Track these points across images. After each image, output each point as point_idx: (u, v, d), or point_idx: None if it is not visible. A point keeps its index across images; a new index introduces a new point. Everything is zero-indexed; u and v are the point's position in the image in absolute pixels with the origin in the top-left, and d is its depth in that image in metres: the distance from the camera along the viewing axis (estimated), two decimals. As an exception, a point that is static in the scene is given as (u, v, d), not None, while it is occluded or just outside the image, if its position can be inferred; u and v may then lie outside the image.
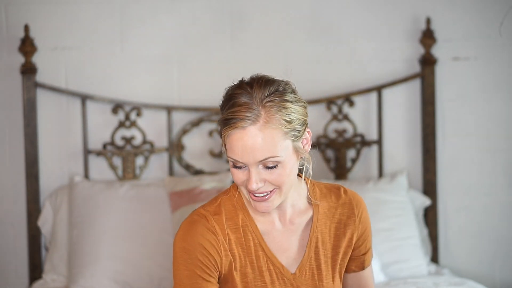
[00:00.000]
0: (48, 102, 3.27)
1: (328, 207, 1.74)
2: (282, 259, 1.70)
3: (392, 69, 3.38)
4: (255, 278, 1.67)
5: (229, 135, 1.60)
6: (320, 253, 1.72)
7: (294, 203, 1.72)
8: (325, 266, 1.72)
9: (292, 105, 1.62)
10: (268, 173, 1.61)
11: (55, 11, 3.28)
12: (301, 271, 1.70)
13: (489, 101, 3.41)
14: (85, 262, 3.02)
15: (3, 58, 3.26)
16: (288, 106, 1.61)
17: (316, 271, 1.71)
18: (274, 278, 1.68)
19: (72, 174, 3.29)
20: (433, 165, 3.34)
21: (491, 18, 3.36)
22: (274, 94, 1.61)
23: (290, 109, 1.61)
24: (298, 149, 1.64)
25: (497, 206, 3.43)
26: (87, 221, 3.09)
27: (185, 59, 3.33)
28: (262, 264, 1.68)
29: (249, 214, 1.69)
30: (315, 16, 3.36)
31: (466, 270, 3.40)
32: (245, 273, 1.67)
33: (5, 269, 3.32)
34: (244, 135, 1.58)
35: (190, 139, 3.34)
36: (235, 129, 1.59)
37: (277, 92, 1.62)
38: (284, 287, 1.69)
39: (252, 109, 1.59)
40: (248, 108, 1.59)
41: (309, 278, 1.70)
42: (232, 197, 1.72)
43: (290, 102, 1.62)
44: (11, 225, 3.30)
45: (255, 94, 1.61)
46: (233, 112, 1.60)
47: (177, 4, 3.31)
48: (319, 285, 1.71)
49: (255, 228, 1.69)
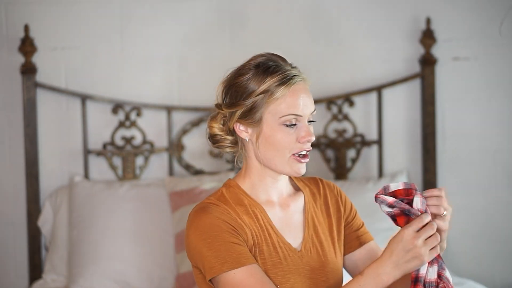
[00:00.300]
0: (48, 102, 3.27)
1: (311, 193, 1.84)
2: (288, 239, 1.77)
3: (392, 69, 3.38)
4: (270, 254, 1.72)
5: (289, 91, 1.72)
6: (319, 231, 1.79)
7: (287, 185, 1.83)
8: (326, 243, 1.79)
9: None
10: (310, 128, 1.76)
11: (55, 11, 3.28)
12: (306, 248, 1.76)
13: (489, 101, 3.41)
14: (85, 262, 3.02)
15: (3, 58, 3.26)
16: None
17: (319, 248, 1.78)
18: (286, 254, 1.74)
19: (72, 174, 3.29)
20: (433, 165, 3.34)
21: (491, 18, 3.36)
22: (292, 63, 1.79)
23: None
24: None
25: (497, 206, 3.43)
26: (87, 221, 3.09)
27: (185, 59, 3.33)
28: (274, 242, 1.74)
29: (253, 199, 1.77)
30: (315, 16, 3.36)
31: (466, 270, 3.40)
32: (262, 249, 1.72)
33: (5, 269, 3.32)
34: (302, 88, 1.74)
35: (190, 139, 3.34)
36: (291, 85, 1.72)
37: (291, 62, 1.79)
38: (296, 262, 1.74)
39: (290, 68, 1.76)
40: (288, 68, 1.75)
41: (314, 254, 1.77)
42: (230, 188, 1.79)
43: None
44: (11, 225, 3.31)
45: (278, 60, 1.77)
46: (284, 70, 1.73)
47: (177, 4, 3.31)
48: (324, 260, 1.77)
49: (261, 209, 1.76)
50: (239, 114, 1.75)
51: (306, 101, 1.73)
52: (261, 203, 1.77)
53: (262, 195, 1.78)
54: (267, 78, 1.73)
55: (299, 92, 1.73)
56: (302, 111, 1.72)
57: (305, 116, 1.73)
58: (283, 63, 1.76)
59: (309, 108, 1.74)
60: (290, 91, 1.72)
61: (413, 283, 1.60)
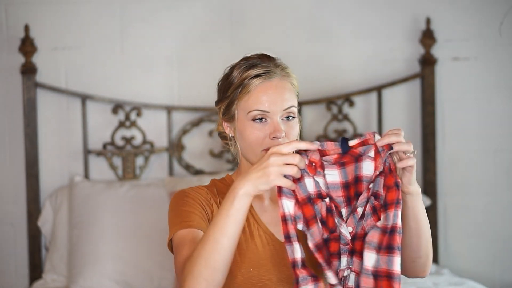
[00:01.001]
0: (48, 102, 3.27)
1: None
2: (272, 229, 1.79)
3: (392, 69, 3.38)
4: (246, 240, 1.76)
5: (254, 89, 1.76)
6: None
7: None
8: None
9: (292, 72, 1.82)
10: (286, 125, 1.76)
11: (55, 11, 3.28)
12: None
13: (489, 101, 3.41)
14: (85, 262, 3.02)
15: (3, 58, 3.26)
16: (291, 71, 1.81)
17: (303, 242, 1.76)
18: (265, 243, 1.76)
19: (72, 174, 3.29)
20: (433, 165, 3.34)
21: (491, 18, 3.36)
22: (279, 62, 1.81)
23: (292, 74, 1.81)
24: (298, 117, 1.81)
25: (497, 206, 3.43)
26: (87, 221, 3.09)
27: (185, 59, 3.33)
28: (253, 229, 1.77)
29: None
30: (315, 16, 3.36)
31: (466, 270, 3.40)
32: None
33: (5, 269, 3.32)
34: (271, 86, 1.76)
35: (190, 139, 3.34)
36: (261, 82, 1.75)
37: (279, 60, 1.82)
38: (275, 253, 1.75)
39: (270, 65, 1.78)
40: (266, 65, 1.78)
41: None
42: (223, 180, 1.85)
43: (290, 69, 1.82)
44: (11, 225, 3.31)
45: (265, 59, 1.80)
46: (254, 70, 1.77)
47: (177, 4, 3.31)
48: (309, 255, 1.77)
49: None
50: (222, 111, 1.82)
51: (274, 97, 1.74)
52: None
53: None
54: (243, 75, 1.78)
55: (267, 88, 1.75)
56: (268, 107, 1.74)
57: (274, 112, 1.74)
58: (267, 61, 1.79)
59: (278, 105, 1.74)
60: (259, 86, 1.75)
61: (292, 267, 1.54)
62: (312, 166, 1.57)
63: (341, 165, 1.59)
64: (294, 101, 1.78)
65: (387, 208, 1.55)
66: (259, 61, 1.79)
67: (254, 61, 1.80)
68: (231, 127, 1.81)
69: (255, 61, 1.79)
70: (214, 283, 1.56)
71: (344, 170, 1.59)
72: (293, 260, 1.53)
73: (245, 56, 1.83)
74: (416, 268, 1.70)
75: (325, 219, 1.59)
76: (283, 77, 1.77)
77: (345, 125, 3.39)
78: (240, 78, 1.78)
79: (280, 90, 1.75)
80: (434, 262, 3.34)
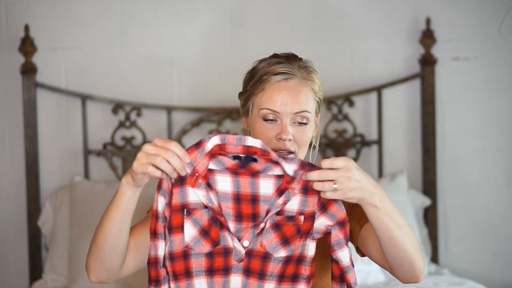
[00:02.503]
0: (48, 102, 3.27)
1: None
2: None
3: (392, 69, 3.38)
4: None
5: (269, 87, 1.73)
6: None
7: None
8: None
9: (318, 77, 1.78)
10: (296, 130, 1.73)
11: (55, 11, 3.28)
12: None
13: (489, 101, 3.41)
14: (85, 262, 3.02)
15: (3, 58, 3.26)
16: (316, 76, 1.78)
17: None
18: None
19: (72, 174, 3.29)
20: (433, 165, 3.34)
21: (491, 18, 3.36)
22: (305, 64, 1.78)
23: (316, 79, 1.77)
24: (316, 123, 1.80)
25: (497, 206, 3.43)
26: (87, 221, 3.09)
27: (185, 59, 3.33)
28: None
29: None
30: (315, 16, 3.36)
31: (466, 270, 3.40)
32: None
33: (5, 269, 3.32)
34: (286, 87, 1.72)
35: (190, 139, 3.34)
36: (277, 82, 1.73)
37: (308, 63, 1.79)
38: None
39: (292, 66, 1.75)
40: (288, 65, 1.74)
41: None
42: None
43: (316, 74, 1.79)
44: (11, 225, 3.31)
45: (290, 60, 1.77)
46: (273, 69, 1.74)
47: (177, 4, 3.31)
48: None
49: None
50: (241, 104, 1.80)
51: (287, 99, 1.71)
52: None
53: None
54: (263, 71, 1.76)
55: (282, 88, 1.73)
56: (279, 108, 1.71)
57: (284, 114, 1.71)
58: (292, 62, 1.76)
59: (289, 107, 1.71)
60: (274, 85, 1.73)
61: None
62: (194, 177, 1.47)
63: (234, 174, 1.48)
64: (308, 106, 1.73)
65: (300, 237, 1.50)
66: (284, 60, 1.76)
67: (279, 59, 1.76)
68: (247, 121, 1.80)
69: (280, 60, 1.76)
70: (104, 266, 1.63)
71: (238, 180, 1.49)
72: (155, 257, 1.50)
73: (275, 53, 1.81)
74: (404, 275, 1.62)
75: (207, 230, 1.51)
76: (303, 80, 1.74)
77: (345, 125, 3.39)
78: (260, 74, 1.76)
79: (295, 93, 1.72)
80: (434, 262, 3.34)
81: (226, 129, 3.33)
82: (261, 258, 1.50)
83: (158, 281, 1.52)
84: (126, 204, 1.55)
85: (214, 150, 1.47)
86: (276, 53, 1.80)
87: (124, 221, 1.57)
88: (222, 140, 1.46)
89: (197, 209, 1.50)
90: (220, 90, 3.34)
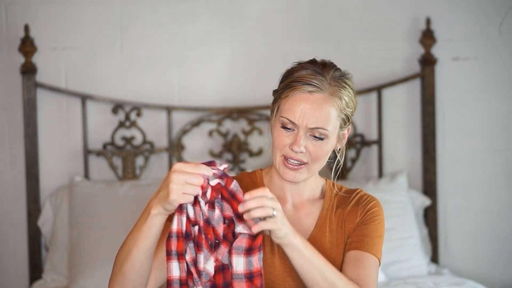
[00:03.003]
0: (48, 102, 3.27)
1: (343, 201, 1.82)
2: None
3: (392, 69, 3.38)
4: None
5: (293, 96, 1.72)
6: (326, 239, 1.78)
7: (312, 191, 1.83)
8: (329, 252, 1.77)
9: (352, 92, 1.76)
10: (312, 143, 1.73)
11: (55, 11, 3.28)
12: None
13: (489, 101, 3.41)
14: (85, 262, 3.02)
15: (3, 58, 3.26)
16: (349, 91, 1.75)
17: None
18: (275, 250, 1.75)
19: (72, 174, 3.29)
20: (433, 165, 3.34)
21: (491, 18, 3.36)
22: (341, 76, 1.76)
23: (350, 95, 1.75)
24: (340, 137, 1.78)
25: (497, 206, 3.43)
26: (87, 221, 3.09)
27: (185, 59, 3.33)
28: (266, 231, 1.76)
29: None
30: (315, 16, 3.36)
31: (466, 270, 3.40)
32: None
33: (5, 269, 3.32)
34: (309, 99, 1.71)
35: (190, 139, 3.34)
36: (301, 92, 1.71)
37: (343, 76, 1.77)
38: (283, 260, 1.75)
39: (322, 79, 1.72)
40: (318, 77, 1.72)
41: None
42: (252, 174, 1.83)
43: (351, 89, 1.76)
44: (11, 225, 3.31)
45: (325, 70, 1.75)
46: (302, 76, 1.72)
47: (177, 4, 3.31)
48: None
49: None
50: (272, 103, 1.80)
51: (306, 112, 1.70)
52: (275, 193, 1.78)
53: (277, 191, 1.80)
54: (292, 76, 1.75)
55: (303, 101, 1.71)
56: (297, 120, 1.71)
57: (300, 126, 1.71)
58: (324, 73, 1.73)
59: (307, 120, 1.70)
60: (297, 95, 1.72)
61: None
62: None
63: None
64: (327, 124, 1.71)
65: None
66: (318, 70, 1.74)
67: (314, 67, 1.75)
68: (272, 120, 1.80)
69: (314, 68, 1.75)
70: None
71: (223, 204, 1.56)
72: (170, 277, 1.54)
73: (313, 59, 1.79)
74: None
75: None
76: (329, 96, 1.71)
77: (345, 125, 3.38)
78: (290, 79, 1.75)
79: (316, 107, 1.70)
80: (434, 262, 3.34)
81: (226, 129, 3.33)
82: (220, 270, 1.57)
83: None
84: (156, 233, 1.58)
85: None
86: (315, 59, 1.79)
87: (153, 248, 1.60)
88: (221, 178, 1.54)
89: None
90: (220, 90, 3.34)
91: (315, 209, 1.82)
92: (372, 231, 1.78)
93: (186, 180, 1.50)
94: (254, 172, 1.85)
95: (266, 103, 3.31)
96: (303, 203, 1.82)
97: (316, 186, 1.83)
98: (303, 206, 1.82)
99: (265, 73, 3.32)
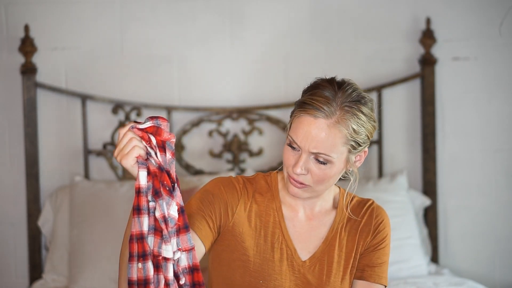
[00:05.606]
0: (48, 102, 3.27)
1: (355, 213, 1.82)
2: (296, 245, 1.78)
3: (392, 69, 3.38)
4: (265, 250, 1.76)
5: (299, 117, 1.70)
6: (335, 252, 1.79)
7: (324, 201, 1.82)
8: (337, 266, 1.79)
9: (366, 119, 1.71)
10: (315, 166, 1.70)
11: (55, 11, 3.28)
12: (312, 262, 1.78)
13: (489, 101, 3.41)
14: (85, 262, 3.02)
15: (3, 58, 3.27)
16: (361, 118, 1.70)
17: (326, 267, 1.78)
18: (284, 257, 1.76)
19: (72, 174, 3.29)
20: (433, 165, 3.34)
21: (491, 18, 3.36)
22: (355, 102, 1.69)
23: (362, 122, 1.70)
24: (349, 161, 1.73)
25: (497, 206, 3.43)
26: (87, 221, 3.09)
27: (185, 59, 3.33)
28: (275, 241, 1.77)
29: (278, 196, 1.80)
30: (315, 16, 3.36)
31: (466, 270, 3.40)
32: (258, 242, 1.76)
33: (5, 269, 3.32)
34: (312, 124, 1.68)
35: (190, 139, 3.34)
36: (307, 115, 1.68)
37: (358, 102, 1.70)
38: (291, 269, 1.76)
39: (331, 105, 1.68)
40: (328, 102, 1.67)
41: (317, 271, 1.77)
42: (268, 177, 1.82)
43: (365, 116, 1.70)
44: (11, 225, 3.31)
45: (340, 94, 1.69)
46: (312, 99, 1.68)
47: (177, 4, 3.32)
48: (325, 280, 1.77)
49: (279, 209, 1.79)
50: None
51: (308, 135, 1.67)
52: (283, 202, 1.79)
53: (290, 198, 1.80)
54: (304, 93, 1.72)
55: (307, 124, 1.68)
56: (300, 142, 1.69)
57: (303, 149, 1.69)
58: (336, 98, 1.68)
59: (309, 145, 1.67)
60: (303, 117, 1.69)
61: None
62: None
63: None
64: (330, 150, 1.68)
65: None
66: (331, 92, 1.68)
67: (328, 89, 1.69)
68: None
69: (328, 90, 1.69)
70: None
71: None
72: (140, 233, 1.52)
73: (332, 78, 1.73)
74: None
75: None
76: (335, 124, 1.67)
77: (345, 125, 3.38)
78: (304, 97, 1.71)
79: (318, 133, 1.67)
80: (434, 262, 3.34)
81: (226, 129, 3.33)
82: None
83: (145, 255, 1.52)
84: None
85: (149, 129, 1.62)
86: (332, 78, 1.73)
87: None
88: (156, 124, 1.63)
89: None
90: (220, 90, 3.34)
91: (327, 220, 1.82)
92: (380, 257, 1.81)
93: (125, 151, 1.52)
94: (270, 175, 1.84)
95: (266, 103, 3.31)
96: (315, 214, 1.82)
97: (328, 197, 1.82)
98: (314, 216, 1.82)
99: (265, 73, 3.33)
